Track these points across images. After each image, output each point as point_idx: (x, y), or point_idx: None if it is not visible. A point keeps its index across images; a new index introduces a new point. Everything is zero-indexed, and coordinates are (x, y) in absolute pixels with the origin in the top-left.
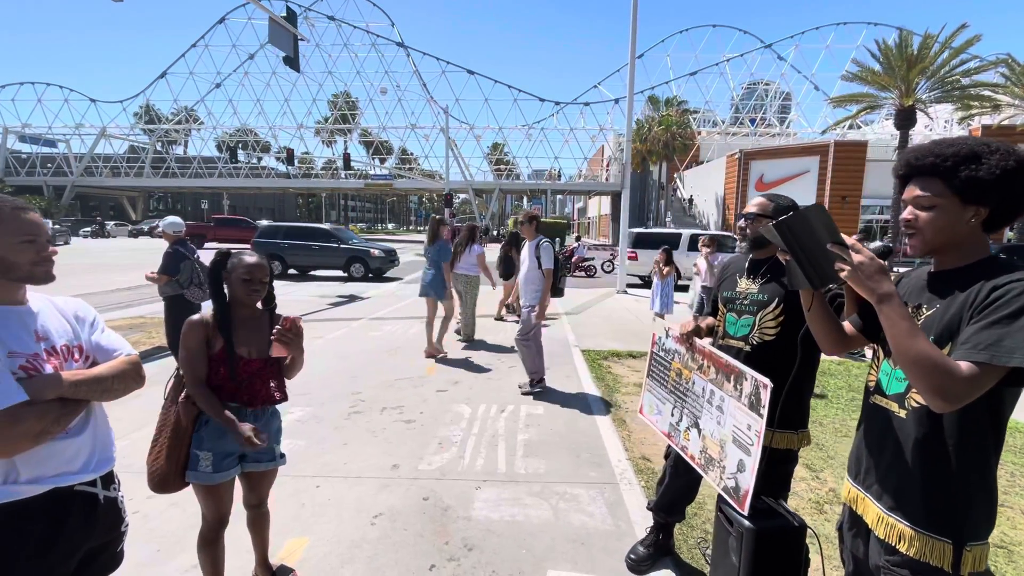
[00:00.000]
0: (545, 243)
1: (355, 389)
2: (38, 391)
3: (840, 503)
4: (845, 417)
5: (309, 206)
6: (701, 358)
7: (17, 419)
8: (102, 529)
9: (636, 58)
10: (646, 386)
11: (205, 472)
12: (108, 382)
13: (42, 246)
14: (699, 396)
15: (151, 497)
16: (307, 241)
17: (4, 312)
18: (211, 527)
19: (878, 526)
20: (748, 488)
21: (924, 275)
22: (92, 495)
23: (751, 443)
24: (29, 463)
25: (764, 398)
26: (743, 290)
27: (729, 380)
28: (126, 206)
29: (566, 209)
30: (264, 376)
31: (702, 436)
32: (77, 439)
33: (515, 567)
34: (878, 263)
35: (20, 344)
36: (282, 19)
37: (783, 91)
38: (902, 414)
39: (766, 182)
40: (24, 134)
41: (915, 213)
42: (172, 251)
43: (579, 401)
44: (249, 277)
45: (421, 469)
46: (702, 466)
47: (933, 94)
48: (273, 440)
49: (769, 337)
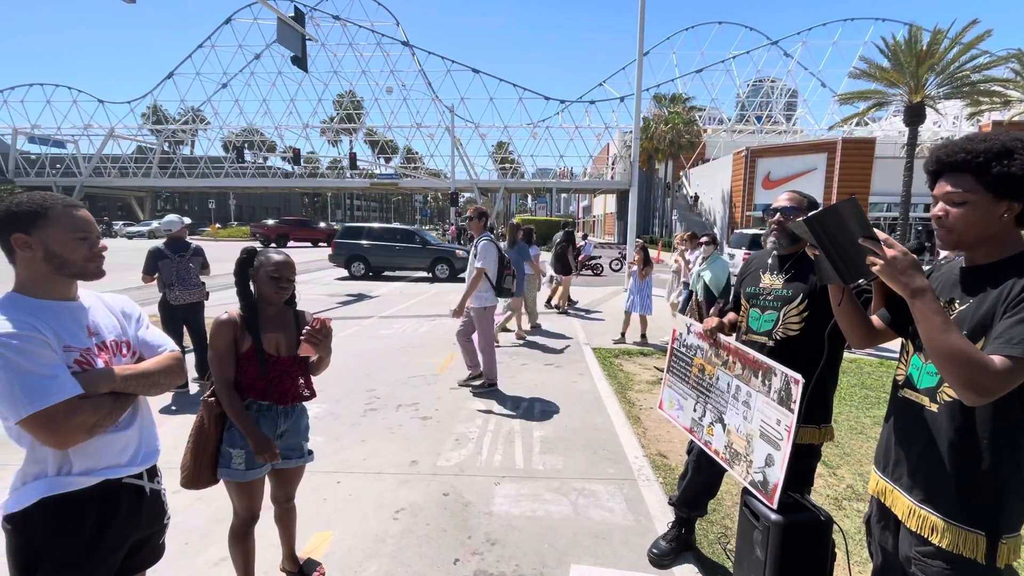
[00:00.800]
0: (485, 242)
1: (370, 386)
2: (92, 385)
3: (859, 499)
4: (859, 414)
5: (315, 206)
6: (726, 354)
7: (74, 412)
8: (147, 521)
9: (643, 55)
10: (666, 382)
11: (238, 470)
12: (155, 376)
13: (94, 242)
14: (724, 392)
15: (177, 492)
16: (391, 242)
17: (58, 307)
18: (243, 522)
19: (909, 518)
20: (778, 482)
21: (956, 270)
22: (139, 487)
23: (780, 438)
24: (82, 455)
25: (795, 393)
26: (767, 286)
27: (757, 376)
28: (134, 206)
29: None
30: (293, 373)
31: (727, 431)
32: (125, 432)
33: (538, 561)
34: (911, 258)
35: (74, 339)
36: (290, 19)
37: (790, 88)
38: (934, 408)
39: (773, 180)
40: (33, 135)
41: (946, 209)
42: (153, 250)
43: (593, 398)
44: (278, 275)
45: (440, 465)
46: (727, 461)
47: (943, 90)
48: (302, 437)
49: (793, 333)
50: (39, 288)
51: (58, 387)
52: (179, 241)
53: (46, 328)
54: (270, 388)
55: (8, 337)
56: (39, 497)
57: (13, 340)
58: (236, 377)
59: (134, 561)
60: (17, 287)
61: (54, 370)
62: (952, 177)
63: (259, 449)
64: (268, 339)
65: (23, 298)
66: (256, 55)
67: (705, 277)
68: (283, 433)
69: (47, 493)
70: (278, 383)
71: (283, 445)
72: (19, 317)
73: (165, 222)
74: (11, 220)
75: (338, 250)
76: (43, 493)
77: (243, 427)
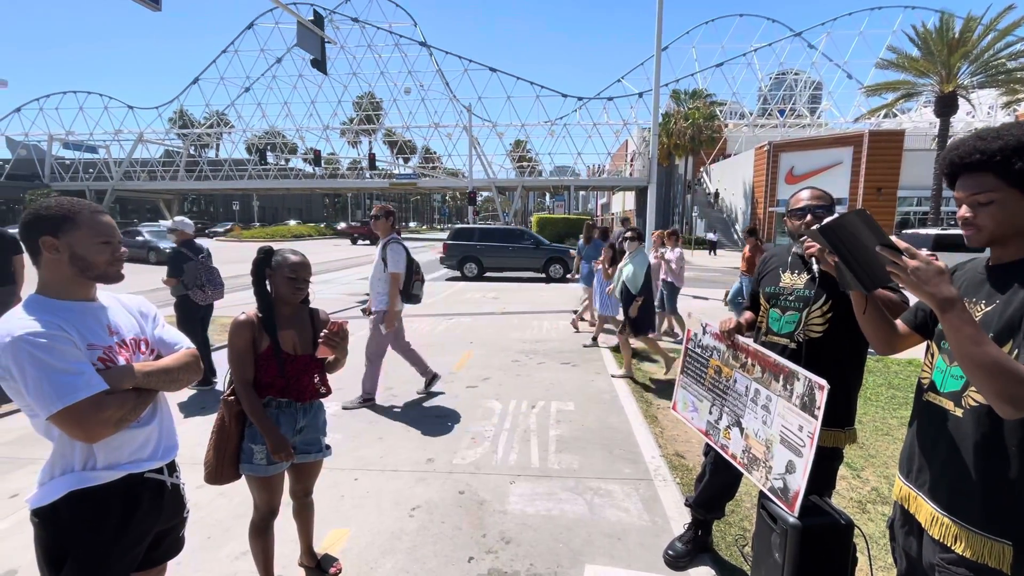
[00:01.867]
0: (395, 244)
1: (387, 384)
2: (116, 381)
3: (884, 502)
4: (885, 415)
5: (335, 206)
6: (744, 356)
7: (101, 406)
8: (168, 514)
9: (662, 49)
10: (680, 383)
11: (259, 465)
12: (175, 373)
13: (116, 247)
14: (741, 395)
15: (200, 487)
16: (504, 243)
17: (80, 308)
18: (263, 517)
19: (932, 526)
20: (799, 489)
21: (981, 267)
22: (160, 482)
23: (802, 444)
24: (105, 450)
25: (819, 399)
26: (787, 285)
27: (778, 380)
28: (162, 208)
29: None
30: (311, 371)
31: (745, 435)
32: (146, 428)
33: (553, 560)
34: (936, 266)
35: (97, 337)
36: (310, 23)
37: (814, 80)
38: (958, 413)
39: (796, 174)
40: (68, 141)
41: (971, 211)
42: (176, 253)
43: (609, 397)
44: (295, 276)
45: (455, 463)
46: (745, 466)
47: (976, 79)
48: (320, 432)
49: (816, 334)
50: (62, 290)
51: (85, 383)
52: (192, 243)
53: (70, 327)
54: (289, 386)
55: (36, 336)
56: (67, 491)
57: (41, 339)
58: (255, 376)
59: (156, 553)
60: (40, 289)
61: (80, 367)
62: (972, 178)
63: (275, 448)
64: (285, 338)
65: (47, 299)
66: (278, 59)
67: (625, 272)
68: (302, 429)
69: (74, 487)
70: (296, 381)
71: (302, 440)
72: (45, 317)
73: (178, 222)
74: (41, 223)
75: (450, 252)
76: (70, 487)
77: (261, 426)
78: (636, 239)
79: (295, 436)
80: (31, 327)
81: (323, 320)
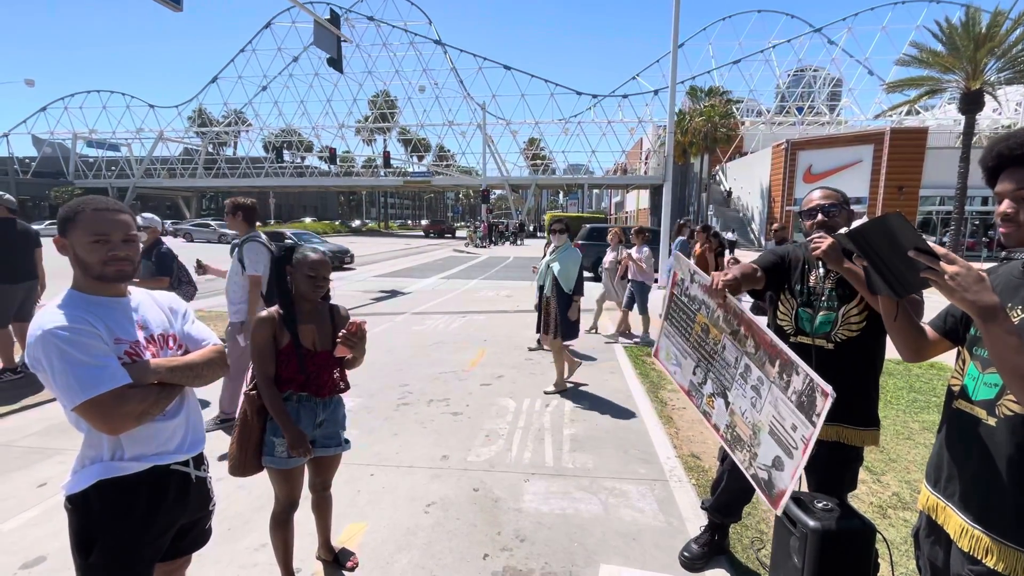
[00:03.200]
0: (252, 243)
1: (402, 381)
2: (140, 375)
3: (905, 508)
4: (907, 419)
5: (350, 204)
6: (737, 323)
7: (123, 400)
8: (194, 506)
9: (678, 46)
10: (663, 329)
11: (280, 457)
12: (199, 368)
13: (115, 245)
14: (729, 365)
15: (221, 479)
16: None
17: (110, 303)
18: (283, 508)
19: (962, 538)
20: (785, 490)
21: (1017, 272)
22: (185, 474)
23: (795, 447)
24: (132, 442)
25: (821, 407)
26: (817, 283)
27: (773, 364)
28: (181, 205)
29: (603, 203)
30: (330, 367)
31: (730, 411)
32: (172, 421)
33: (567, 559)
34: (975, 273)
35: (124, 332)
36: (326, 22)
37: (833, 77)
38: (991, 422)
39: (815, 173)
40: (91, 139)
41: (1015, 207)
42: (165, 252)
43: (624, 397)
44: (314, 274)
45: (470, 460)
46: (728, 442)
47: (1003, 75)
48: (339, 426)
49: (854, 333)
50: (88, 286)
51: (109, 376)
52: (161, 240)
53: (98, 322)
54: (309, 381)
55: (63, 330)
56: (96, 479)
57: (68, 332)
58: (276, 371)
59: (183, 543)
60: (73, 284)
61: (105, 360)
62: (1016, 172)
63: (293, 443)
64: (305, 334)
65: (78, 294)
66: (294, 58)
67: (554, 269)
68: (322, 423)
69: (103, 476)
70: (316, 376)
71: (322, 434)
72: (74, 312)
73: (148, 219)
74: (57, 223)
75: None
76: (99, 476)
77: (281, 422)
78: (561, 231)
79: (315, 430)
80: (60, 321)
81: (343, 317)
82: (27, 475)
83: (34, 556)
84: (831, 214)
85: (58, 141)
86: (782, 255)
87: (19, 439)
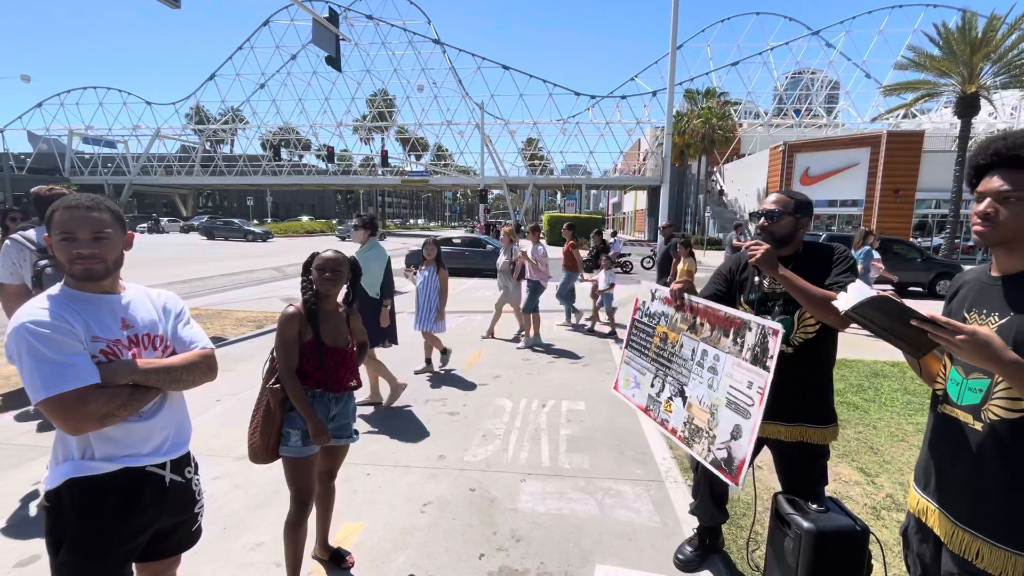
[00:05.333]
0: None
1: (400, 381)
2: (111, 375)
3: (898, 509)
4: (901, 421)
5: (348, 202)
6: (692, 316)
7: (86, 399)
8: (173, 509)
9: (676, 48)
10: (624, 358)
11: (295, 446)
12: (178, 372)
13: (82, 243)
14: (686, 360)
15: (216, 478)
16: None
17: (96, 300)
18: (298, 508)
19: (951, 540)
20: (744, 457)
21: (984, 277)
22: (160, 477)
23: (751, 403)
24: (103, 441)
25: (772, 347)
26: (771, 289)
27: (728, 335)
28: (178, 203)
29: (600, 204)
30: (346, 365)
31: (688, 405)
32: (149, 422)
33: (563, 559)
34: (983, 334)
35: (104, 330)
36: (325, 20)
37: (831, 80)
38: (977, 426)
39: (812, 175)
40: (87, 135)
41: (995, 207)
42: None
43: (620, 398)
44: (322, 266)
45: (467, 460)
46: (686, 440)
47: (999, 80)
48: (351, 418)
49: (811, 335)
50: (74, 282)
51: (74, 375)
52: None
53: (75, 318)
54: (326, 377)
55: (35, 325)
56: (66, 477)
57: (40, 328)
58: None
59: (165, 545)
60: (65, 279)
61: (73, 358)
62: (1008, 173)
63: (315, 433)
64: (326, 332)
65: (67, 289)
66: (292, 56)
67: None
68: (335, 416)
69: (72, 475)
70: (333, 372)
71: (335, 426)
72: (53, 308)
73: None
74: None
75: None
76: (69, 474)
77: (304, 412)
78: (363, 227)
79: (328, 423)
80: (34, 316)
81: (357, 320)
82: (20, 473)
83: (28, 555)
84: (773, 219)
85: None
86: (732, 265)
87: (14, 437)
